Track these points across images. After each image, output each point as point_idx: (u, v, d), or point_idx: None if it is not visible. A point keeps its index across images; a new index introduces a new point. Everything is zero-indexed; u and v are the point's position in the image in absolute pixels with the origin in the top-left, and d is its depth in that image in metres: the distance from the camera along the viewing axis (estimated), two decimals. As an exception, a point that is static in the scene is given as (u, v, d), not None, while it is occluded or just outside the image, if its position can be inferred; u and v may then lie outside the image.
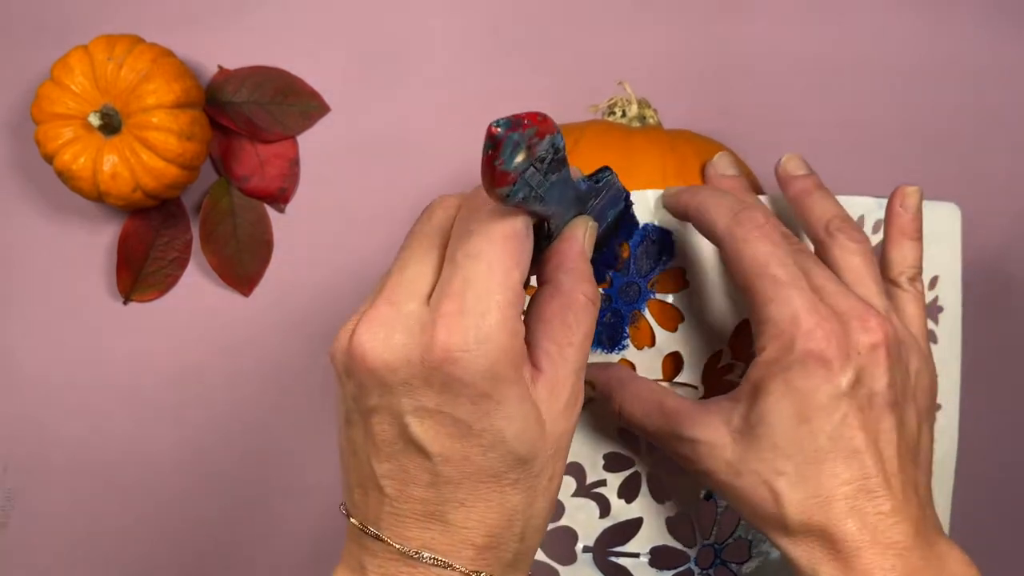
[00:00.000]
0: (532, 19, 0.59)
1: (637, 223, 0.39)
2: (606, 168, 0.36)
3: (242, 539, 0.57)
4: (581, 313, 0.32)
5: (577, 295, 0.32)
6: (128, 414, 0.57)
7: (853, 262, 0.36)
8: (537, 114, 0.28)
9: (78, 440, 0.57)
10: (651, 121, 0.48)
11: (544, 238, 0.33)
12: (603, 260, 0.38)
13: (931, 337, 0.43)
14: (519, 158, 0.28)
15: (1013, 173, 0.59)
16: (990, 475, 0.56)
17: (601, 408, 0.41)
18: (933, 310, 0.43)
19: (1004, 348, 0.58)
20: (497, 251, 0.30)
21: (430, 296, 0.30)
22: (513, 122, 0.27)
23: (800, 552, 0.33)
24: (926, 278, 0.42)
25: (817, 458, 0.33)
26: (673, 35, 0.59)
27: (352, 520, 0.33)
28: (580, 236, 0.34)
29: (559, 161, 0.30)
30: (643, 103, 0.49)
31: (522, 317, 0.31)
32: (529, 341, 0.32)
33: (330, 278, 0.58)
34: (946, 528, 0.43)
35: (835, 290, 0.34)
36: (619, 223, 0.38)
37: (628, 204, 0.38)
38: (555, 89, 0.59)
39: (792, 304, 0.33)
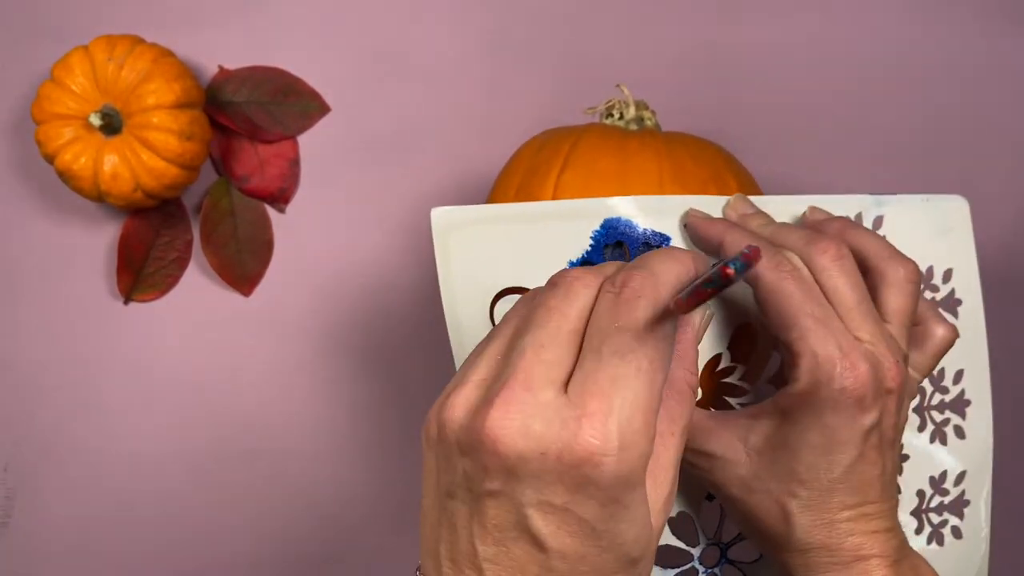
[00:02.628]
0: (532, 20, 0.60)
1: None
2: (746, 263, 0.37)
3: (241, 538, 0.57)
4: (685, 403, 0.32)
5: (683, 384, 0.32)
6: (128, 414, 0.57)
7: (899, 302, 0.37)
8: (758, 249, 0.27)
9: (78, 440, 0.57)
10: (649, 123, 0.48)
11: None
12: None
13: None
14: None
15: (1013, 172, 0.59)
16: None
17: None
18: (951, 303, 0.43)
19: (1013, 344, 0.58)
20: (648, 352, 0.29)
21: (566, 384, 0.29)
22: (747, 264, 0.26)
23: (798, 562, 0.36)
24: (940, 271, 0.43)
25: (830, 487, 0.35)
26: (674, 37, 0.59)
27: None
28: (697, 323, 0.34)
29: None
30: (641, 105, 0.49)
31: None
32: None
33: (330, 278, 0.58)
34: (987, 525, 0.44)
35: (871, 333, 0.35)
36: None
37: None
38: (556, 90, 0.59)
39: (830, 341, 0.34)
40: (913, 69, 0.59)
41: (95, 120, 0.52)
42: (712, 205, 0.40)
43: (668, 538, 0.42)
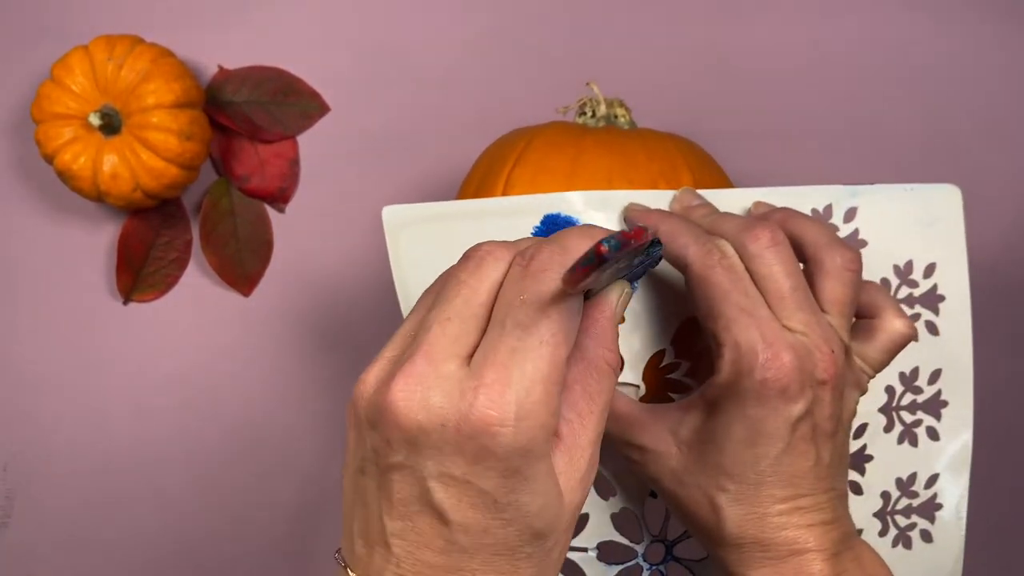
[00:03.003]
0: (531, 20, 0.60)
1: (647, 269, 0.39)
2: (658, 243, 0.36)
3: (241, 536, 0.57)
4: (604, 380, 0.32)
5: (600, 362, 0.32)
6: (128, 414, 0.57)
7: (837, 291, 0.36)
8: (643, 230, 0.27)
9: (78, 440, 0.57)
10: (622, 121, 0.48)
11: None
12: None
13: (931, 328, 0.42)
14: (610, 270, 0.28)
15: (1013, 172, 0.59)
16: (1002, 474, 0.56)
17: None
18: (932, 299, 0.42)
19: (1008, 346, 0.58)
20: (550, 325, 0.29)
21: (471, 357, 0.30)
22: (623, 243, 0.26)
23: (733, 557, 0.35)
24: (921, 265, 0.42)
25: (758, 481, 0.34)
26: (671, 36, 0.59)
27: (350, 573, 0.31)
28: (613, 301, 0.33)
29: (635, 258, 0.30)
30: (615, 103, 0.48)
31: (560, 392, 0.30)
32: None
33: (330, 278, 0.58)
34: (961, 529, 0.43)
35: (804, 322, 0.35)
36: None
37: (657, 260, 0.38)
38: (556, 89, 0.59)
39: (753, 331, 0.34)
40: (911, 68, 0.59)
41: (94, 120, 0.52)
42: (660, 199, 0.40)
43: (611, 534, 0.41)
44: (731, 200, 0.40)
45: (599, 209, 0.40)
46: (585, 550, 0.42)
